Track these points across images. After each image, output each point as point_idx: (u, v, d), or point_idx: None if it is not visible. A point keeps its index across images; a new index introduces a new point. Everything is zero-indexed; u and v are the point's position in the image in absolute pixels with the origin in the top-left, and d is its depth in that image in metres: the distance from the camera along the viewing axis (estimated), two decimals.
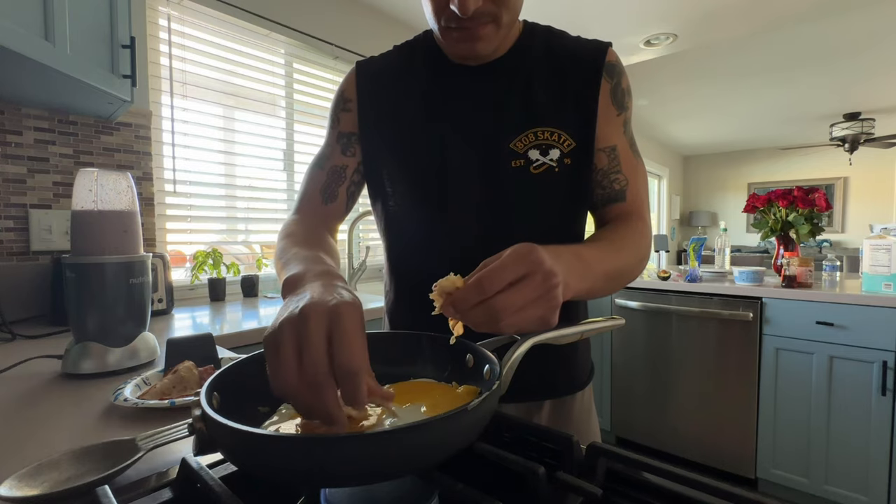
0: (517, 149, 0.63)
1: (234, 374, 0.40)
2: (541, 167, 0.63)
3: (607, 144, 0.64)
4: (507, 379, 0.38)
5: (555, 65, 0.64)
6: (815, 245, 5.83)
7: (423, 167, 0.66)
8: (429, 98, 0.67)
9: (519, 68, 0.65)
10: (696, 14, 2.34)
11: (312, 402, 0.30)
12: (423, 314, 0.61)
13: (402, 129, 0.68)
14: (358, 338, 0.31)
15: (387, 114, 0.69)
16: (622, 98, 0.65)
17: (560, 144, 0.62)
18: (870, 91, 3.99)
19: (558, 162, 0.63)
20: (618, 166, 0.65)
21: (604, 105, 0.63)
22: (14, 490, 0.30)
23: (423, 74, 0.68)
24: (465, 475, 0.33)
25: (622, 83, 0.65)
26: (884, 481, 1.70)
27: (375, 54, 0.76)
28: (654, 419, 2.28)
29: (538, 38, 0.67)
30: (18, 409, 0.59)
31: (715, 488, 0.31)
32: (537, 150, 0.62)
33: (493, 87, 0.65)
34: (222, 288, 1.63)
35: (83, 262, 0.70)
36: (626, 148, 0.66)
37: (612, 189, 0.66)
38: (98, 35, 1.03)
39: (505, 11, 0.57)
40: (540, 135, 0.62)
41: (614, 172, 0.65)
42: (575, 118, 0.63)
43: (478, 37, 0.58)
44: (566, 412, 0.70)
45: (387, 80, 0.70)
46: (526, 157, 0.63)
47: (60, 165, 1.29)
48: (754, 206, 2.24)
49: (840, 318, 1.77)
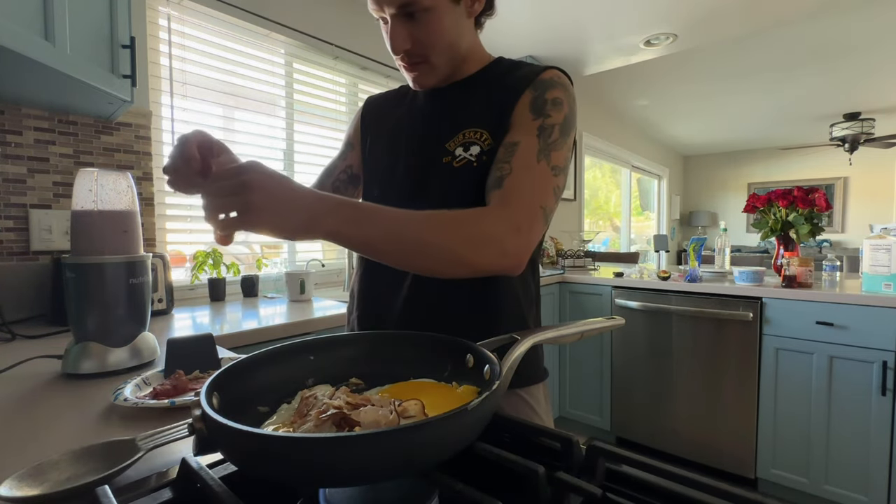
0: (449, 148, 0.71)
1: (234, 374, 0.40)
2: (461, 161, 0.70)
3: (510, 140, 0.66)
4: (507, 379, 0.39)
5: (502, 82, 0.72)
6: (815, 245, 5.83)
7: (380, 172, 0.80)
8: (402, 117, 0.80)
9: (469, 88, 0.75)
10: (696, 14, 2.34)
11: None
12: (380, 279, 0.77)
13: (381, 141, 0.82)
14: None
15: (375, 130, 0.84)
16: (542, 106, 0.67)
17: (481, 142, 0.69)
18: (870, 91, 3.99)
19: (477, 157, 0.69)
20: (509, 157, 0.64)
21: (520, 111, 0.68)
22: (14, 490, 0.30)
23: (406, 99, 0.82)
24: (465, 475, 0.33)
25: (547, 95, 0.68)
26: (884, 481, 1.70)
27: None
28: (653, 419, 2.28)
29: (501, 67, 0.76)
30: (18, 409, 0.59)
31: (715, 488, 0.31)
32: (462, 147, 0.70)
33: (444, 105, 0.75)
34: (222, 288, 1.63)
35: (83, 262, 0.70)
36: (531, 148, 0.64)
37: (494, 176, 0.64)
38: (98, 35, 1.03)
39: (433, 53, 0.69)
40: (468, 134, 0.71)
41: (503, 161, 0.64)
42: (497, 121, 0.69)
43: (415, 72, 0.71)
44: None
45: (385, 105, 0.86)
46: (452, 154, 0.71)
47: (60, 165, 1.29)
48: (754, 206, 2.24)
49: (840, 318, 1.77)
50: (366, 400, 0.36)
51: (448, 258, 0.56)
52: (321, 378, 0.45)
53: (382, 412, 0.34)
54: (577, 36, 2.60)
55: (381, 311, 0.76)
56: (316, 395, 0.38)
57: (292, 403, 0.40)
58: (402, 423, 0.33)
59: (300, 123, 2.02)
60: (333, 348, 0.48)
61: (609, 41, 2.69)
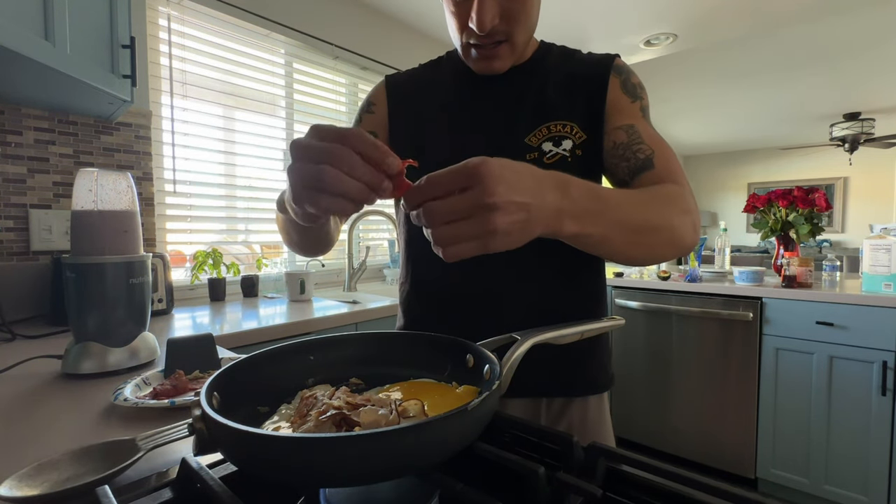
0: (531, 143, 0.66)
1: (234, 374, 0.40)
2: (554, 157, 0.65)
3: (624, 123, 0.63)
4: (507, 379, 0.38)
5: (567, 70, 0.68)
6: (815, 245, 5.82)
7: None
8: (450, 104, 0.72)
9: (534, 74, 0.69)
10: (696, 14, 2.34)
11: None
12: (435, 303, 0.67)
13: (422, 131, 0.72)
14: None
15: (410, 116, 0.74)
16: (633, 89, 0.66)
17: (572, 136, 0.65)
18: (870, 91, 3.98)
19: (571, 152, 0.65)
20: (639, 138, 0.62)
21: (615, 96, 0.65)
22: (14, 490, 0.30)
23: (446, 85, 0.73)
24: (465, 475, 0.32)
25: (632, 79, 0.67)
26: (884, 481, 1.70)
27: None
28: (654, 419, 2.28)
29: (553, 53, 0.72)
30: (18, 409, 0.59)
31: (715, 488, 0.31)
32: (550, 142, 0.65)
33: (509, 91, 0.69)
34: (222, 288, 1.63)
35: (83, 262, 0.70)
36: (648, 127, 0.64)
37: (636, 159, 0.61)
38: (98, 35, 1.03)
39: (518, 31, 0.62)
40: (553, 128, 0.65)
41: (636, 143, 0.62)
42: (585, 111, 0.65)
43: (494, 56, 0.64)
44: (570, 414, 0.69)
45: (413, 87, 0.76)
46: (539, 149, 0.65)
47: (60, 165, 1.29)
48: (754, 206, 2.24)
49: (840, 318, 1.77)
50: (366, 400, 0.36)
51: (668, 240, 0.52)
52: (321, 378, 0.45)
53: (382, 412, 0.34)
54: (578, 36, 2.60)
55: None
56: (316, 395, 0.38)
57: (292, 403, 0.40)
58: (402, 424, 0.33)
59: (300, 123, 2.02)
60: (333, 348, 0.48)
61: (609, 41, 2.68)
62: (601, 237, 0.45)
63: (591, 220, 0.43)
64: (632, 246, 0.49)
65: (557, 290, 0.68)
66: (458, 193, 0.36)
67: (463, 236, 0.36)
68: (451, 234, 0.36)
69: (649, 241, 0.51)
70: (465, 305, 0.68)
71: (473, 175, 0.35)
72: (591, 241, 0.45)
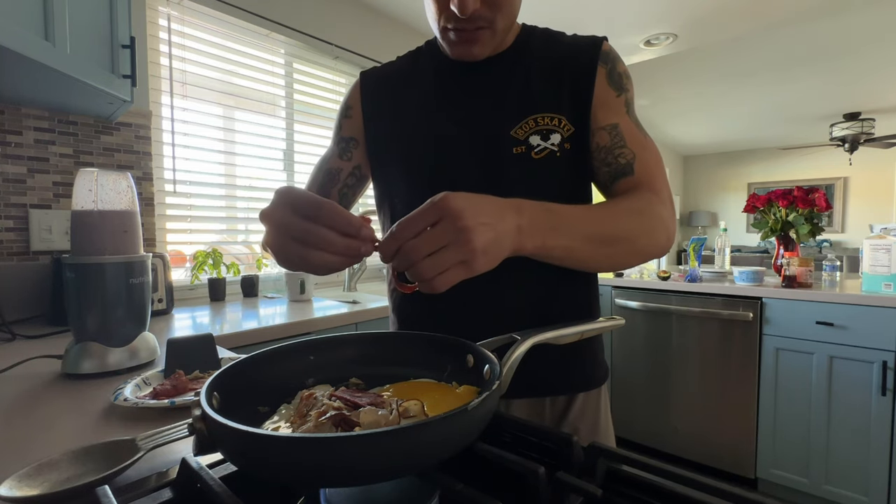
0: (518, 136, 0.63)
1: (234, 374, 0.40)
2: (542, 152, 0.63)
3: (608, 123, 0.63)
4: (507, 379, 0.39)
5: (552, 57, 0.66)
6: (815, 245, 5.83)
7: (423, 162, 0.68)
8: (428, 95, 0.69)
9: (517, 62, 0.66)
10: (696, 14, 2.34)
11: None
12: (428, 306, 0.65)
13: (403, 126, 0.70)
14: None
15: (388, 112, 0.72)
16: (619, 80, 0.65)
17: (560, 129, 0.63)
18: (870, 91, 3.98)
19: (559, 146, 0.63)
20: (622, 141, 0.63)
21: (601, 88, 0.64)
22: (14, 490, 0.30)
23: (425, 75, 0.71)
24: (465, 475, 0.32)
25: (618, 67, 0.66)
26: (884, 481, 1.70)
27: (375, 54, 0.77)
28: (654, 419, 2.28)
29: (536, 37, 0.69)
30: (18, 409, 0.59)
31: (715, 488, 0.31)
32: (538, 135, 0.63)
33: (492, 80, 0.66)
34: (222, 288, 1.63)
35: (83, 262, 0.70)
36: (631, 126, 0.64)
37: (617, 164, 0.62)
38: (98, 35, 1.03)
39: (500, 17, 0.60)
40: (540, 121, 0.63)
41: (618, 147, 0.62)
42: (572, 103, 0.64)
43: (474, 40, 0.61)
44: (573, 411, 0.69)
45: (390, 82, 0.74)
46: (527, 143, 0.63)
47: (60, 165, 1.29)
48: (754, 206, 2.24)
49: (840, 318, 1.77)
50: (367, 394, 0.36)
51: (637, 250, 0.55)
52: (321, 378, 0.45)
53: (382, 412, 0.34)
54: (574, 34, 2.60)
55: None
56: (316, 395, 0.38)
57: (292, 403, 0.40)
58: (402, 424, 0.33)
59: (300, 123, 2.02)
60: (333, 348, 0.48)
61: (609, 41, 2.69)
62: (564, 249, 0.49)
63: (551, 235, 0.47)
64: (596, 257, 0.53)
65: (542, 295, 0.67)
66: (430, 229, 0.39)
67: (447, 263, 0.39)
68: (435, 264, 0.39)
69: (612, 251, 0.54)
70: (457, 307, 0.67)
71: (442, 208, 0.39)
72: (555, 253, 0.48)
